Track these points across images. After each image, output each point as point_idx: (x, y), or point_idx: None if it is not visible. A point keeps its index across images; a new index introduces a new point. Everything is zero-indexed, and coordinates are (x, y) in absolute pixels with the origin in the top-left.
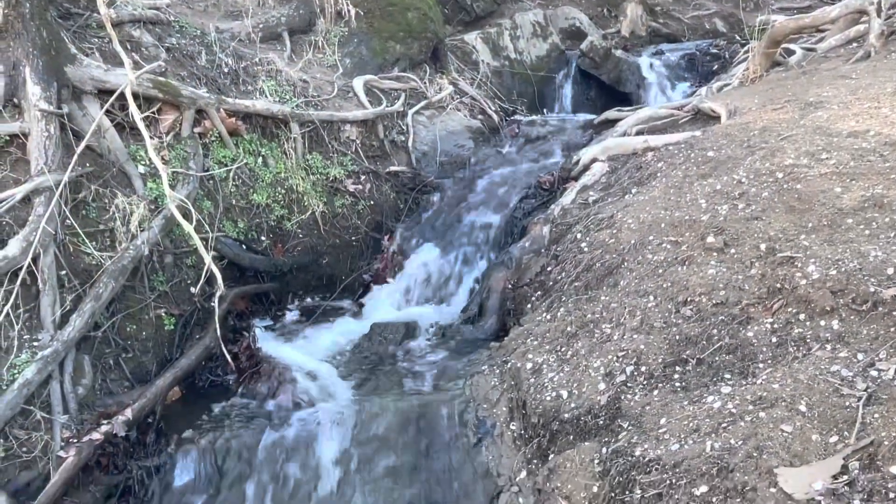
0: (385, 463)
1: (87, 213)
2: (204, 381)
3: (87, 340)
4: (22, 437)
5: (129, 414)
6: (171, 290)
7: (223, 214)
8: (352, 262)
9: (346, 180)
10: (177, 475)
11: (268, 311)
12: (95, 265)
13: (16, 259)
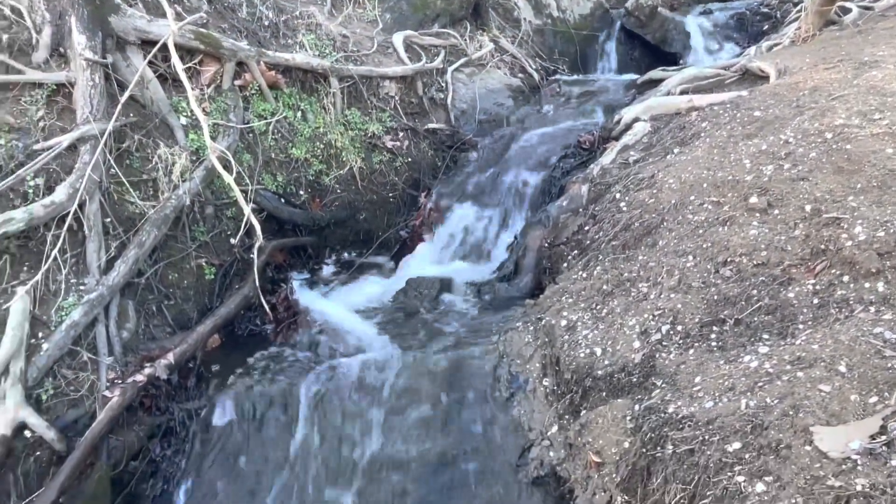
0: (417, 414)
1: (131, 162)
2: (243, 330)
3: (131, 287)
4: (70, 377)
5: (171, 358)
6: (211, 240)
7: (262, 168)
8: (388, 218)
9: (384, 136)
10: (216, 418)
11: (305, 265)
12: (139, 214)
13: (63, 205)
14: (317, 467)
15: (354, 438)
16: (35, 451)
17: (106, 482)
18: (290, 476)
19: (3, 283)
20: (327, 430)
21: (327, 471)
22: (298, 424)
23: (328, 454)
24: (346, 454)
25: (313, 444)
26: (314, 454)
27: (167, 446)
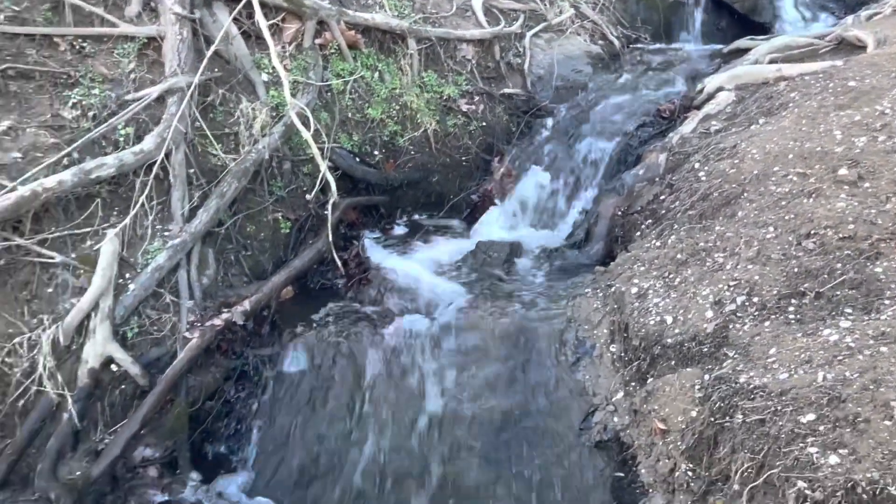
0: (483, 373)
1: (214, 116)
2: (315, 284)
3: (212, 236)
4: (153, 317)
5: (248, 305)
6: (287, 195)
7: (339, 127)
8: (461, 181)
9: (459, 100)
10: (287, 365)
11: (376, 224)
12: (220, 166)
13: (151, 153)
14: (381, 418)
15: (419, 392)
16: (120, 384)
17: (184, 418)
18: (356, 424)
19: (94, 226)
20: (393, 383)
21: (392, 422)
22: (366, 376)
23: (393, 406)
24: (410, 407)
25: (379, 396)
26: (379, 405)
27: (241, 389)
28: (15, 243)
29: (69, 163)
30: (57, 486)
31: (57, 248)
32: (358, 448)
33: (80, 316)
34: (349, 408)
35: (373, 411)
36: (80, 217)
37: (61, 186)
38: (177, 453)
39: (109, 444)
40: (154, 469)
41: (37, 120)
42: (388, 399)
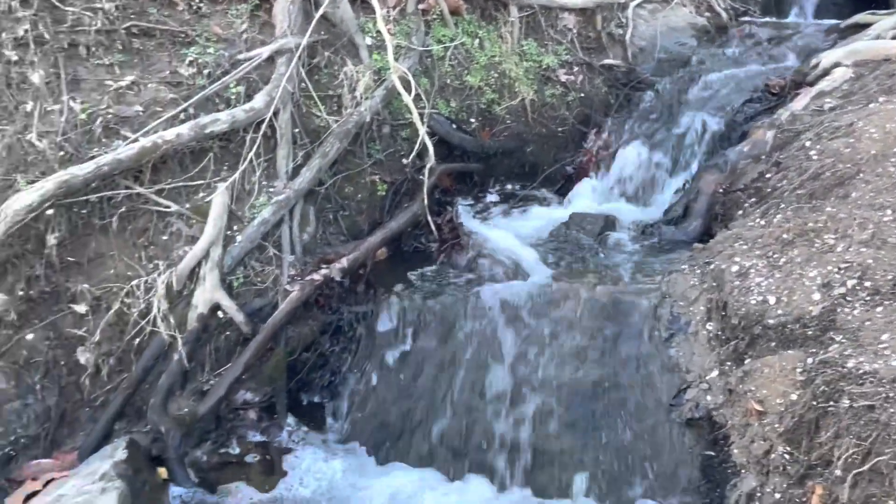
0: (573, 343)
1: (319, 78)
2: (408, 247)
3: (312, 194)
4: (257, 269)
5: (345, 263)
6: (385, 158)
7: (437, 93)
8: (556, 152)
9: (558, 70)
10: (380, 323)
11: (470, 192)
12: (323, 126)
13: (260, 111)
14: (468, 379)
15: (507, 358)
16: (225, 330)
17: (282, 366)
18: (443, 383)
19: (206, 179)
20: (482, 346)
21: (478, 383)
22: (454, 338)
23: (480, 368)
24: (497, 370)
25: (466, 358)
26: (467, 367)
27: (336, 343)
28: (135, 192)
29: (185, 118)
30: (167, 420)
31: (172, 198)
32: (444, 406)
33: (192, 263)
34: (437, 367)
35: (460, 372)
36: (194, 170)
37: (179, 139)
38: (274, 399)
39: (214, 386)
40: (253, 412)
41: (157, 76)
42: (476, 361)
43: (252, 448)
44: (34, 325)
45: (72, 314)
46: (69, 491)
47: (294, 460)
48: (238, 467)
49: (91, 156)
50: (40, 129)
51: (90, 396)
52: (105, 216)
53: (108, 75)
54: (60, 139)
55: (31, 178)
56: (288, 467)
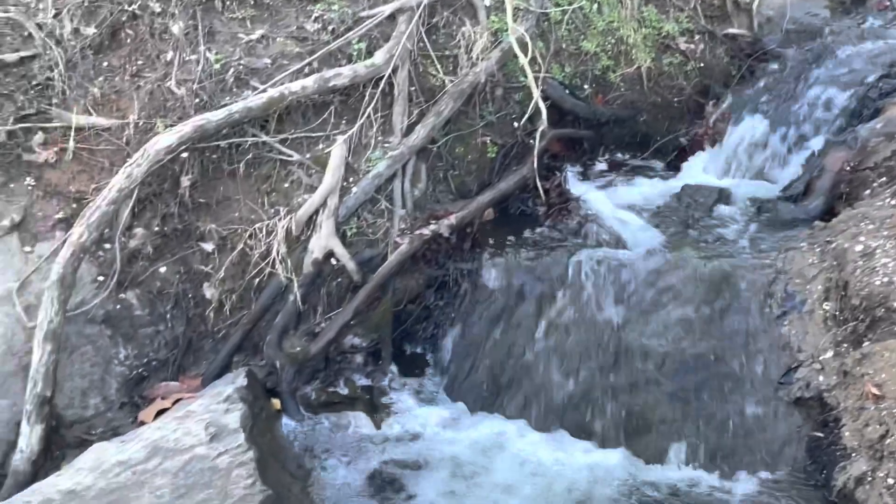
0: (679, 313)
1: (437, 37)
2: (515, 209)
3: (425, 152)
4: (369, 221)
5: (454, 220)
6: (496, 120)
7: (552, 57)
8: (670, 123)
9: (678, 38)
10: (484, 281)
11: (578, 159)
12: (438, 86)
13: (380, 68)
14: (570, 341)
15: (611, 324)
16: (337, 277)
17: (389, 316)
18: (544, 344)
19: (326, 131)
20: (585, 310)
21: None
22: (558, 300)
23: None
24: (599, 334)
25: (569, 320)
26: (569, 329)
27: (440, 297)
28: (261, 140)
29: (309, 71)
30: (282, 356)
31: (294, 147)
32: (544, 366)
33: (311, 210)
34: (539, 327)
35: (562, 334)
36: (315, 122)
37: (304, 91)
38: (380, 346)
39: (325, 328)
40: (360, 356)
41: (284, 31)
42: (579, 324)
43: (357, 390)
44: (167, 259)
45: (200, 251)
46: (197, 408)
47: (395, 405)
48: (343, 406)
49: (223, 104)
50: (179, 77)
51: (213, 329)
52: (233, 162)
53: (241, 28)
54: (196, 87)
55: (168, 122)
56: (390, 410)
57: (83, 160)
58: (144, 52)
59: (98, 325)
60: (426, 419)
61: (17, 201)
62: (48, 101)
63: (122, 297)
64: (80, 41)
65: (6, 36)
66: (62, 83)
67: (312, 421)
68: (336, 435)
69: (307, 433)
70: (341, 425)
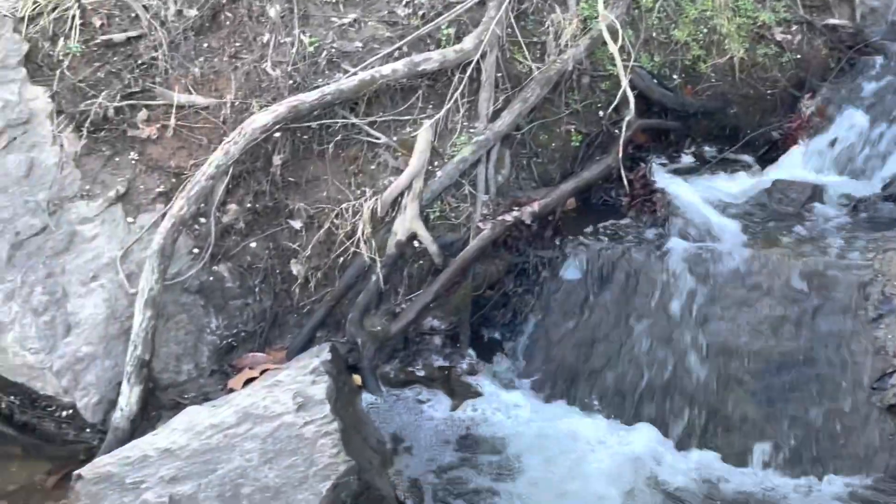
0: (766, 312)
1: (526, 23)
2: (597, 199)
3: (509, 138)
4: (452, 205)
5: (536, 207)
6: (581, 109)
7: (641, 46)
8: (762, 116)
9: (774, 28)
10: (564, 270)
11: (664, 150)
12: (525, 72)
13: (468, 53)
14: (650, 335)
15: (693, 317)
16: (419, 259)
17: (468, 300)
18: (624, 336)
19: (413, 115)
20: (668, 304)
21: (661, 341)
22: (639, 293)
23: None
24: (682, 330)
25: (651, 314)
26: (650, 323)
27: (519, 285)
28: (351, 122)
29: (399, 55)
30: (363, 333)
31: (382, 130)
32: (623, 358)
33: (396, 193)
34: (619, 318)
35: (642, 327)
36: (403, 106)
37: (394, 75)
38: (458, 329)
39: (406, 309)
40: (438, 338)
41: (375, 15)
42: (660, 319)
43: (435, 371)
44: (257, 235)
45: (288, 229)
46: (285, 378)
47: (472, 388)
48: (421, 386)
49: (315, 85)
50: (274, 58)
51: (298, 304)
52: (323, 142)
53: (334, 12)
54: (290, 69)
55: (263, 102)
56: (467, 393)
57: (182, 137)
58: (242, 34)
59: (192, 294)
60: (503, 404)
61: (121, 174)
62: (152, 79)
63: (214, 270)
64: (182, 23)
65: (115, 17)
66: (165, 63)
67: (391, 398)
68: (414, 414)
69: (385, 410)
70: (419, 404)
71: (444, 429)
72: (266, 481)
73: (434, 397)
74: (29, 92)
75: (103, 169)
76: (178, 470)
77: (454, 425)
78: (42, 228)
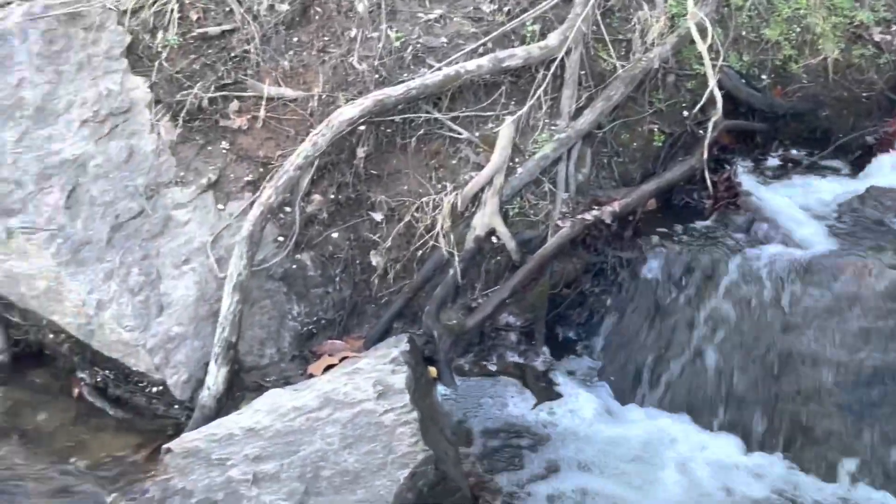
0: (857, 323)
1: (611, 21)
2: (678, 201)
3: (590, 137)
4: (532, 202)
5: (617, 207)
6: (665, 108)
7: (730, 45)
8: (855, 119)
9: (872, 27)
10: (644, 271)
11: (749, 152)
12: (608, 70)
13: (553, 50)
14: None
15: (779, 326)
16: (496, 255)
17: (544, 297)
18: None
19: (496, 111)
20: (752, 310)
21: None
22: (721, 296)
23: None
24: (765, 337)
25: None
26: (731, 328)
27: (596, 284)
28: (433, 116)
29: (483, 51)
30: (439, 326)
31: (464, 125)
32: (701, 363)
33: (476, 188)
34: (698, 323)
35: (722, 332)
36: (485, 102)
37: (478, 71)
38: (534, 326)
39: (482, 304)
40: (513, 335)
41: (461, 11)
42: (744, 323)
43: (510, 367)
44: (339, 225)
45: (369, 220)
46: (365, 366)
47: (547, 386)
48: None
49: (400, 80)
50: (361, 53)
51: (376, 294)
52: (405, 136)
53: (420, 8)
54: (377, 63)
55: (349, 96)
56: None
57: (271, 128)
58: (331, 28)
59: (276, 281)
60: (578, 405)
61: (213, 163)
62: (244, 72)
63: (297, 258)
64: (274, 17)
65: (211, 11)
66: (257, 56)
67: (465, 391)
68: (487, 408)
69: (459, 403)
70: (493, 399)
71: (519, 426)
72: (345, 465)
73: (508, 393)
74: (130, 82)
75: (196, 157)
76: (261, 449)
77: (529, 423)
78: (139, 212)
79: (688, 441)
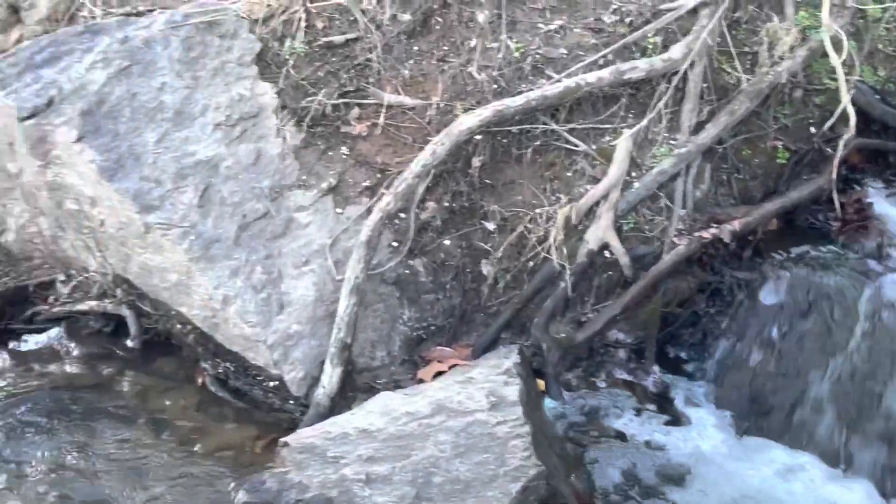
0: None
1: (737, 33)
2: (802, 221)
3: (710, 152)
4: (647, 217)
5: (736, 226)
6: (791, 124)
7: (865, 59)
8: None
9: None
10: (764, 295)
11: (881, 173)
12: (732, 84)
13: (675, 63)
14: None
15: None
16: (608, 270)
17: (656, 316)
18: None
19: (614, 124)
20: (880, 339)
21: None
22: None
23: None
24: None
25: (860, 348)
26: (858, 357)
27: (711, 305)
28: (550, 128)
29: (603, 63)
30: (548, 339)
31: (581, 138)
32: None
33: (591, 201)
34: (823, 350)
35: (848, 362)
36: (604, 114)
37: (599, 83)
38: (644, 344)
39: (592, 319)
40: (623, 352)
41: (581, 22)
42: (871, 353)
43: (619, 384)
44: (452, 233)
45: (482, 230)
46: (477, 376)
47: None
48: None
49: (518, 90)
50: (480, 63)
51: (486, 303)
52: (521, 147)
53: (540, 19)
54: (496, 73)
55: (467, 105)
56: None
57: (390, 135)
58: (451, 38)
59: (389, 286)
60: (690, 430)
61: (333, 167)
62: (365, 79)
63: (410, 264)
64: (396, 26)
65: (336, 20)
66: (378, 64)
67: (573, 406)
68: (595, 425)
69: (567, 418)
70: (601, 416)
71: (628, 446)
72: (457, 474)
73: (619, 411)
74: (259, 88)
75: (318, 162)
76: (374, 451)
77: (638, 444)
78: (264, 213)
79: (811, 481)
